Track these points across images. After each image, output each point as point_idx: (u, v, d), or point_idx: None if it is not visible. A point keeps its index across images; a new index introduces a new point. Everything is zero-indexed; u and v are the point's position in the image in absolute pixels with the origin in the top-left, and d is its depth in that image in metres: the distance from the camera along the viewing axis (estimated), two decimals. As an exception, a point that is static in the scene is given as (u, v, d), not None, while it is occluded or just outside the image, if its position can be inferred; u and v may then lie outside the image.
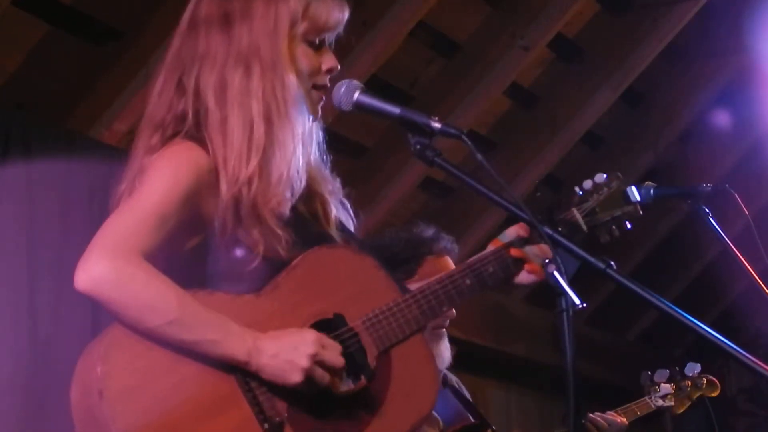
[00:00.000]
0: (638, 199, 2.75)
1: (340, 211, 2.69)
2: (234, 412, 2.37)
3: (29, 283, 4.25)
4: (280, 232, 2.46)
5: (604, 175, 2.76)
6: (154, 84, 2.60)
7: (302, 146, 2.56)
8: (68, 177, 4.41)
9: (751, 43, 6.36)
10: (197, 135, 2.50)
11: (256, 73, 2.51)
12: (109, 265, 2.32)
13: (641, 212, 2.77)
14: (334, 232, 2.64)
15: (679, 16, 6.26)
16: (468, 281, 2.65)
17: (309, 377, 2.37)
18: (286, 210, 2.52)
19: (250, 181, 2.45)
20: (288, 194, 2.52)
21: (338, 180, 2.70)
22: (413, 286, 3.64)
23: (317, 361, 2.38)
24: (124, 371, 2.32)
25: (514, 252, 2.70)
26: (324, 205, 2.65)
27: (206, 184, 2.46)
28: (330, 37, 2.63)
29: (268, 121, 2.50)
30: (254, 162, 2.46)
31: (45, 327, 4.24)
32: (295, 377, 2.37)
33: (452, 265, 3.81)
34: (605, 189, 2.75)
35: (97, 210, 4.33)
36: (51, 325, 4.26)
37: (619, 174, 2.78)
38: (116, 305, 2.33)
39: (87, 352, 2.39)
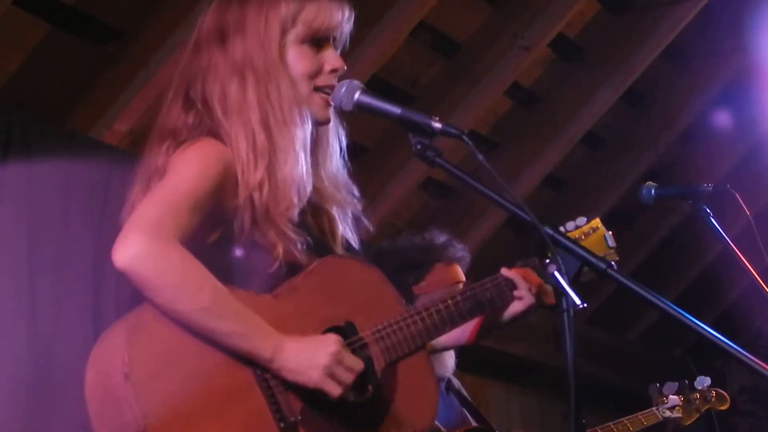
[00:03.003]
0: (614, 244, 2.88)
1: (347, 229, 2.70)
2: (250, 406, 2.38)
3: (30, 282, 4.25)
4: (293, 234, 2.50)
5: (585, 219, 2.88)
6: (164, 99, 2.65)
7: (304, 151, 2.57)
8: (69, 177, 4.41)
9: (752, 43, 6.36)
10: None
11: (251, 82, 2.54)
12: (150, 244, 2.33)
13: (618, 258, 2.86)
14: (339, 250, 2.67)
15: (679, 16, 6.26)
16: (468, 305, 2.73)
17: (329, 375, 2.39)
18: (295, 214, 2.54)
19: (261, 186, 2.48)
20: (295, 199, 2.53)
21: (355, 190, 2.71)
22: (420, 291, 3.70)
23: (338, 361, 2.40)
24: (149, 355, 2.34)
25: (504, 271, 2.80)
26: (331, 222, 2.68)
27: (230, 178, 2.49)
28: (341, 37, 2.65)
29: (267, 128, 2.52)
30: (262, 167, 2.49)
31: (45, 326, 4.24)
32: (316, 374, 2.38)
33: (461, 274, 3.83)
34: (587, 230, 2.87)
35: (97, 210, 4.33)
36: (51, 325, 4.25)
37: (599, 218, 2.90)
38: (154, 285, 2.34)
39: (106, 337, 2.40)
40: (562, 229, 2.82)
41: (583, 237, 2.84)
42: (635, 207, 3.61)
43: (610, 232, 2.88)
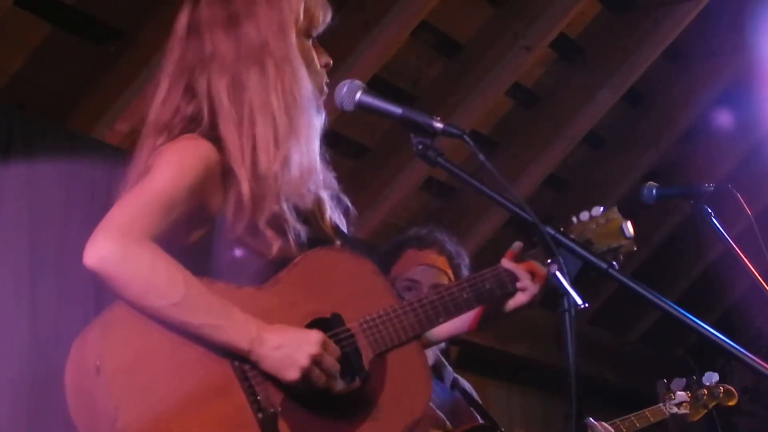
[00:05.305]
0: (633, 234, 2.79)
1: (334, 210, 2.69)
2: (229, 399, 2.37)
3: (30, 282, 4.25)
4: (299, 226, 2.50)
5: (601, 208, 2.78)
6: (155, 92, 2.60)
7: (318, 138, 2.58)
8: (70, 177, 4.41)
9: (752, 43, 6.36)
10: (212, 134, 2.50)
11: (271, 69, 2.53)
12: (117, 243, 2.32)
13: (636, 248, 2.81)
14: (328, 232, 2.65)
15: (680, 16, 6.27)
16: (465, 295, 2.68)
17: (306, 377, 2.38)
18: (308, 203, 2.55)
19: (276, 177, 2.48)
20: (312, 186, 2.55)
21: (333, 174, 2.70)
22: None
23: (317, 363, 2.38)
24: (122, 349, 2.33)
25: (505, 263, 2.73)
26: (320, 204, 2.66)
27: (214, 178, 2.46)
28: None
29: (289, 116, 2.52)
30: (280, 157, 2.48)
31: (46, 326, 4.24)
32: (292, 374, 2.37)
33: (436, 259, 3.82)
34: (602, 221, 2.78)
35: (98, 210, 4.31)
36: (52, 325, 4.26)
37: (616, 208, 2.80)
38: (122, 283, 2.32)
39: (83, 333, 2.39)
40: (574, 219, 2.78)
41: (595, 227, 2.76)
42: (636, 207, 3.59)
43: (629, 222, 2.79)
